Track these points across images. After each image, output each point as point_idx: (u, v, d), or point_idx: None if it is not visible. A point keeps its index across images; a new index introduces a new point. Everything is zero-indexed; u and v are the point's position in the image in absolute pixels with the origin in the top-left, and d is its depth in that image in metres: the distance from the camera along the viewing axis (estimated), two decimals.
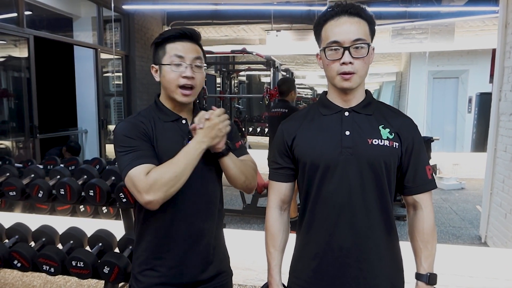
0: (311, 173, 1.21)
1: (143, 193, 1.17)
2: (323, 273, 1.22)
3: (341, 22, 1.16)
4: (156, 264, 1.33)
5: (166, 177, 1.17)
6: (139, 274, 1.35)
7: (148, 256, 1.34)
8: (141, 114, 1.35)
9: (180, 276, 1.33)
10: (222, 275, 1.42)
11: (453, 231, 4.37)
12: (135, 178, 1.18)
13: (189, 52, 1.29)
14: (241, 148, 1.46)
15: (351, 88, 1.19)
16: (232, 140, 1.41)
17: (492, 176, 3.83)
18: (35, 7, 5.15)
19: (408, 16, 6.66)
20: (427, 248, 1.24)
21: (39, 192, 2.20)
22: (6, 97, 5.15)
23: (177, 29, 1.31)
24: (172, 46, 1.29)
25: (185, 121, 1.35)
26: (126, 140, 1.24)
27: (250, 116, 12.23)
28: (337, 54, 1.15)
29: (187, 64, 1.29)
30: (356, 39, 1.14)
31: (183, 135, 1.32)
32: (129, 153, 1.22)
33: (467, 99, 8.21)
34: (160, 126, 1.31)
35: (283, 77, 6.68)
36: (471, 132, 7.64)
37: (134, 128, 1.27)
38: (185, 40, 1.30)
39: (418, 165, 1.23)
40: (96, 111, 6.04)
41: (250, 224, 4.53)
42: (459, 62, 8.16)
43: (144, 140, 1.26)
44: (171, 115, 1.34)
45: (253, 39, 8.26)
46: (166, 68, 1.29)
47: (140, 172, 1.18)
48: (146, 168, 1.19)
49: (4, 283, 3.05)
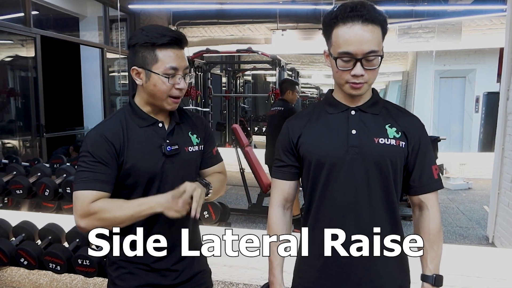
0: (316, 172, 1.20)
1: (79, 217, 1.19)
2: (328, 273, 1.21)
3: (354, 30, 1.09)
4: (134, 267, 1.30)
5: (107, 216, 1.17)
6: (117, 278, 1.32)
7: (126, 259, 1.30)
8: (114, 117, 1.30)
9: (159, 276, 1.31)
10: (201, 273, 1.41)
11: (460, 231, 4.34)
12: (78, 201, 1.19)
13: (182, 62, 1.25)
14: (217, 155, 1.46)
15: (359, 95, 1.18)
16: (208, 145, 1.41)
17: (499, 176, 3.80)
18: (42, 7, 5.19)
19: (415, 15, 6.61)
20: (433, 249, 1.23)
21: (45, 190, 2.21)
22: (13, 96, 5.19)
23: (167, 34, 1.22)
24: (165, 54, 1.22)
25: (161, 124, 1.31)
26: (89, 157, 1.21)
27: (255, 116, 12.23)
28: (348, 65, 1.11)
29: (181, 75, 1.25)
30: (369, 52, 1.09)
31: (160, 140, 1.29)
32: (85, 171, 1.20)
33: (474, 98, 8.14)
34: (134, 133, 1.27)
35: (285, 78, 6.71)
36: (478, 131, 7.57)
37: (100, 145, 1.22)
38: (176, 47, 1.24)
39: (424, 165, 1.22)
40: (102, 110, 6.07)
41: (256, 223, 4.53)
42: (466, 61, 8.10)
43: (105, 163, 1.21)
44: (147, 119, 1.30)
45: (259, 38, 8.25)
46: (159, 78, 1.23)
47: (85, 199, 1.18)
48: (94, 196, 1.18)
49: (11, 280, 3.07)
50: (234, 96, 8.78)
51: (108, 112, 6.12)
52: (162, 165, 1.27)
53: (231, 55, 8.56)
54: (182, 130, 1.35)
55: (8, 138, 5.02)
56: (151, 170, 1.25)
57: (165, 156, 1.28)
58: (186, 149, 1.33)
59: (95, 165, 1.21)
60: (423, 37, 6.93)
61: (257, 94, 12.90)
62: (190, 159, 1.31)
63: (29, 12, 4.61)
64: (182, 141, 1.32)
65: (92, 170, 1.20)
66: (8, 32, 4.47)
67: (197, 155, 1.37)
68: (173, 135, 1.32)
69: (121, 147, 1.24)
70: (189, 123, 1.38)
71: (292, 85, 4.25)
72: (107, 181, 1.21)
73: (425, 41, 6.94)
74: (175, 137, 1.31)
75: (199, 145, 1.38)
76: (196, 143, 1.37)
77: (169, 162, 1.28)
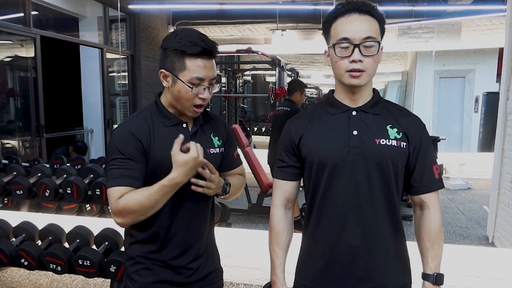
0: (318, 173, 1.21)
1: (113, 214, 1.23)
2: (330, 273, 1.21)
3: (351, 19, 1.14)
4: (151, 263, 1.33)
5: (134, 208, 1.19)
6: (134, 273, 1.35)
7: (143, 255, 1.34)
8: (140, 115, 1.32)
9: (174, 274, 1.34)
10: (214, 272, 1.44)
11: (460, 231, 4.34)
12: (110, 199, 1.23)
13: (209, 72, 1.26)
14: (237, 158, 1.49)
15: (359, 85, 1.17)
16: (230, 149, 1.44)
17: (499, 176, 3.80)
18: (41, 7, 5.18)
19: (415, 15, 6.61)
20: (434, 248, 1.23)
21: (46, 191, 2.21)
22: (12, 96, 5.18)
23: (199, 43, 1.22)
24: (193, 63, 1.23)
25: (185, 125, 1.34)
26: (117, 154, 1.24)
27: (255, 116, 12.23)
28: (346, 52, 1.14)
29: (206, 86, 1.26)
30: (366, 37, 1.13)
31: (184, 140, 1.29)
32: (114, 168, 1.23)
33: (474, 98, 8.15)
34: (159, 131, 1.29)
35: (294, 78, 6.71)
36: (478, 131, 7.58)
37: (128, 141, 1.25)
38: (206, 57, 1.25)
39: (425, 165, 1.23)
40: (102, 110, 6.06)
41: (256, 223, 4.53)
42: (465, 62, 8.10)
43: (133, 158, 1.24)
44: (172, 119, 1.32)
45: (259, 38, 8.26)
46: (184, 86, 1.24)
47: (114, 195, 1.21)
48: (121, 191, 1.20)
49: (11, 281, 3.07)
50: (234, 96, 8.78)
51: (107, 112, 6.12)
52: None
53: (230, 55, 8.55)
54: (205, 131, 1.38)
55: (7, 138, 5.02)
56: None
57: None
58: (208, 151, 1.35)
59: (124, 161, 1.23)
60: (423, 37, 6.93)
61: (256, 94, 12.91)
62: (211, 160, 1.31)
63: (29, 12, 4.60)
64: (204, 142, 1.33)
65: (121, 166, 1.23)
66: (8, 32, 4.46)
67: (217, 157, 1.40)
68: (196, 136, 1.34)
69: (148, 144, 1.27)
70: (212, 126, 1.41)
71: (302, 87, 4.30)
72: (135, 177, 1.24)
73: (425, 41, 6.95)
74: (198, 138, 1.33)
75: (220, 147, 1.41)
76: (218, 145, 1.40)
77: None
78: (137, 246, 1.34)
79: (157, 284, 1.33)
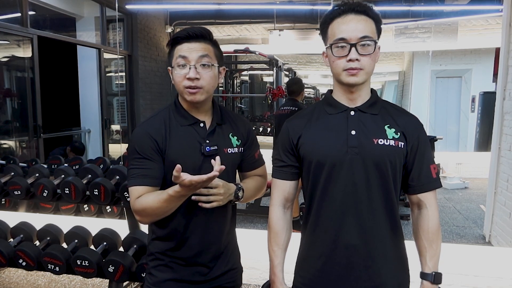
0: (316, 172, 1.21)
1: (134, 212, 1.28)
2: (329, 272, 1.22)
3: (348, 19, 1.16)
4: (170, 260, 1.35)
5: (147, 211, 1.25)
6: (154, 269, 1.37)
7: (162, 252, 1.36)
8: (158, 115, 1.34)
9: (193, 272, 1.35)
10: (232, 271, 1.44)
11: (457, 231, 4.36)
12: (130, 197, 1.29)
13: (194, 52, 1.26)
14: (259, 158, 1.48)
15: (357, 83, 1.18)
16: (252, 149, 1.44)
17: (496, 175, 3.82)
18: (38, 7, 5.17)
19: (411, 15, 6.63)
20: (432, 247, 1.24)
21: (44, 191, 2.20)
22: (9, 97, 5.16)
23: (183, 30, 1.29)
24: (178, 48, 1.28)
25: (202, 124, 1.33)
26: (135, 155, 1.29)
27: (252, 116, 12.21)
28: (343, 51, 1.15)
29: (191, 64, 1.26)
30: (363, 36, 1.14)
31: (200, 140, 1.31)
32: (133, 168, 1.28)
33: (470, 98, 8.17)
34: (176, 131, 1.31)
35: (294, 78, 6.73)
36: (475, 131, 7.61)
37: (144, 141, 1.28)
38: (192, 41, 1.27)
39: (423, 164, 1.23)
40: (99, 110, 6.04)
41: (254, 223, 4.53)
42: (462, 61, 8.12)
43: (150, 158, 1.27)
44: (189, 118, 1.33)
45: (256, 38, 8.25)
46: (174, 71, 1.29)
47: (133, 194, 1.27)
48: (139, 191, 1.25)
49: (9, 282, 3.06)
50: (231, 96, 8.77)
51: (105, 112, 6.10)
52: (201, 164, 1.30)
53: (228, 55, 8.55)
54: (223, 131, 1.37)
55: (4, 139, 5.00)
56: (189, 169, 1.24)
57: (203, 156, 1.30)
58: (225, 151, 1.35)
59: (141, 161, 1.27)
60: (420, 37, 6.96)
61: (254, 94, 12.90)
62: (228, 160, 1.31)
63: (26, 12, 4.58)
64: (222, 142, 1.34)
65: (140, 166, 1.27)
66: (5, 33, 4.45)
67: (235, 157, 1.39)
68: (213, 135, 1.34)
69: (163, 143, 1.28)
70: (231, 125, 1.40)
71: (303, 86, 4.42)
72: (153, 176, 1.27)
73: (422, 41, 6.97)
74: (215, 138, 1.33)
75: (239, 147, 1.39)
76: (236, 145, 1.38)
77: (207, 162, 1.28)
78: (157, 242, 1.36)
79: (173, 282, 1.34)
